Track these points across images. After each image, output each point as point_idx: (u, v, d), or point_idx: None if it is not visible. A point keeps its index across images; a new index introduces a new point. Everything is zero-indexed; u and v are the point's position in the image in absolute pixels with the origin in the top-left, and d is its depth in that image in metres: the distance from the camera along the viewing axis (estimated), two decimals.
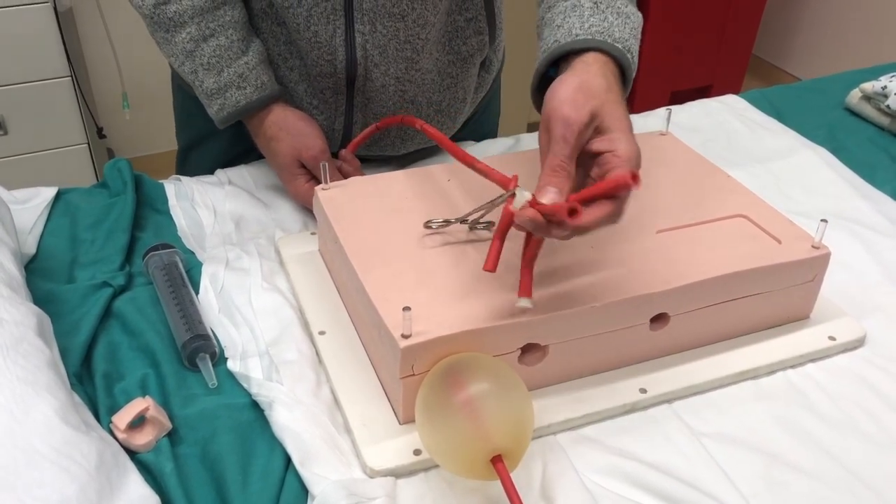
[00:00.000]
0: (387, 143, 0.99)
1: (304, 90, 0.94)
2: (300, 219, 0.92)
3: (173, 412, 0.68)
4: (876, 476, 0.65)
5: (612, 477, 0.64)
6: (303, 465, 0.62)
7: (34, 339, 0.64)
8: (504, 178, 0.66)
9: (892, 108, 1.12)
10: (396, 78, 0.91)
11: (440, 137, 0.78)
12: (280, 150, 0.89)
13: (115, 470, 0.58)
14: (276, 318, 0.76)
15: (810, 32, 2.98)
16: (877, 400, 0.71)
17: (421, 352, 0.62)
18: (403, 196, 0.80)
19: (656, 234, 0.75)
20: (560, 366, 0.69)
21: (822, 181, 1.03)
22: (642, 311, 0.69)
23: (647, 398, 0.69)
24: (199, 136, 1.06)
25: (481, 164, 0.70)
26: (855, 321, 0.79)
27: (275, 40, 0.92)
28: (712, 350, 0.74)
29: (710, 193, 0.81)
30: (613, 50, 0.68)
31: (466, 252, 0.72)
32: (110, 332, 0.76)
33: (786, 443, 0.67)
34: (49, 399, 0.58)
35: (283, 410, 0.66)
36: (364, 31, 0.86)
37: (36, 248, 0.86)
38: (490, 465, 0.56)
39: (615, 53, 0.68)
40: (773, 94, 1.26)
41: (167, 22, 0.86)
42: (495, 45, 1.01)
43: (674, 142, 0.91)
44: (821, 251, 0.74)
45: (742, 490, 0.63)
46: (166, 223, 0.92)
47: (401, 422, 0.66)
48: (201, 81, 0.88)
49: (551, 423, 0.67)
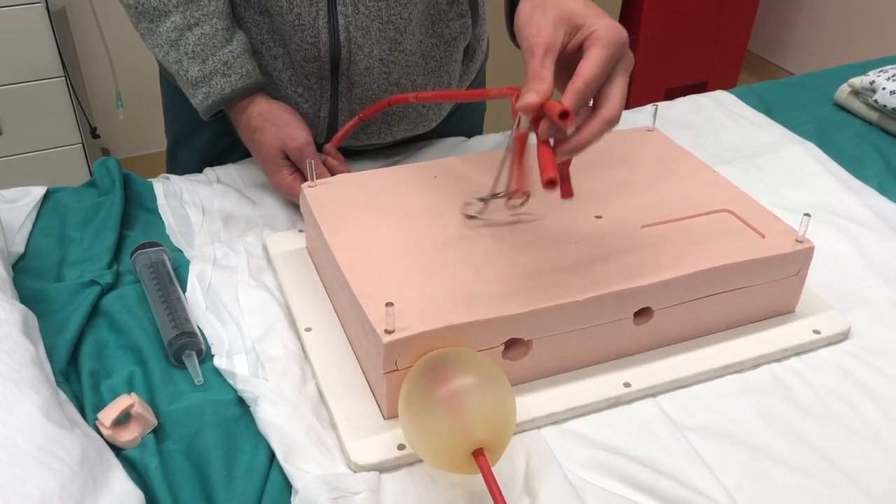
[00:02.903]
0: (373, 131, 0.99)
1: (289, 78, 0.95)
2: (288, 216, 0.93)
3: (159, 409, 0.68)
4: (858, 468, 0.65)
5: (595, 471, 0.64)
6: (286, 460, 0.62)
7: (18, 336, 0.64)
8: (502, 91, 0.67)
9: (879, 102, 1.12)
10: (380, 60, 0.92)
11: (437, 95, 0.79)
12: (265, 141, 0.90)
13: (100, 466, 0.58)
14: (262, 315, 0.77)
15: (805, 28, 2.98)
16: (860, 393, 0.72)
17: (404, 347, 0.62)
18: (390, 193, 0.80)
19: (641, 229, 0.75)
20: (544, 360, 0.69)
21: (809, 175, 1.03)
22: (626, 305, 0.69)
23: (632, 392, 0.70)
24: (185, 131, 1.07)
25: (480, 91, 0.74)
26: (840, 315, 0.79)
27: (258, 29, 0.92)
28: (697, 344, 0.74)
29: (695, 188, 0.82)
30: None
31: (451, 248, 0.72)
32: (97, 329, 0.76)
33: (769, 436, 0.67)
34: (32, 396, 0.59)
35: (268, 406, 0.66)
36: (346, 12, 0.87)
37: (24, 246, 0.86)
38: (472, 459, 0.57)
39: None
40: (763, 89, 1.26)
41: (151, 11, 0.86)
42: (478, 31, 1.01)
43: (660, 137, 0.91)
44: (804, 245, 0.74)
45: (725, 483, 0.63)
46: (155, 221, 0.92)
47: (385, 417, 0.66)
48: (186, 70, 0.88)
49: (535, 417, 0.67)
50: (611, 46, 0.61)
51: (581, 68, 0.60)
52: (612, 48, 0.61)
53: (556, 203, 0.67)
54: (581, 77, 0.59)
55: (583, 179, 0.80)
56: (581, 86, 0.59)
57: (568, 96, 0.59)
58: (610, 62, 0.61)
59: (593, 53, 0.60)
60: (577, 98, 0.59)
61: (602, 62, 0.60)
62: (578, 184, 0.79)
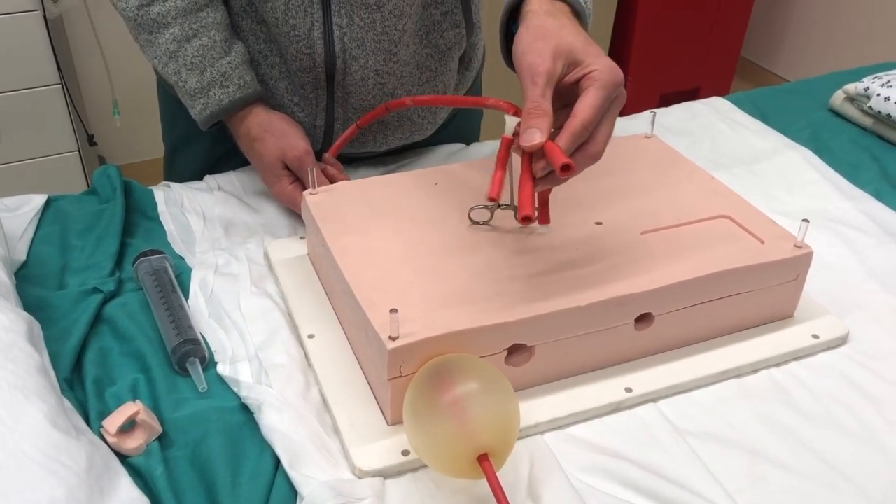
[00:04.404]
0: (368, 139, 1.00)
1: (285, 87, 0.95)
2: (289, 223, 0.93)
3: (163, 416, 0.68)
4: (857, 471, 0.65)
5: (598, 475, 0.64)
6: (292, 467, 0.62)
7: (24, 344, 0.64)
8: (499, 103, 0.69)
9: (874, 109, 1.13)
10: (375, 71, 0.92)
11: (434, 99, 0.80)
12: (264, 151, 0.90)
13: (106, 474, 0.58)
14: (265, 322, 0.77)
15: (798, 35, 3.00)
16: (859, 397, 0.72)
17: (408, 353, 0.63)
18: (391, 200, 0.81)
19: (641, 235, 0.76)
20: (546, 366, 0.70)
21: (805, 181, 1.04)
22: (627, 311, 0.70)
23: (633, 397, 0.70)
24: (183, 139, 1.07)
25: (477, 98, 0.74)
26: (838, 319, 0.80)
27: (255, 38, 0.93)
28: (697, 349, 0.75)
29: (694, 195, 0.82)
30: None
31: (453, 255, 0.73)
32: (101, 337, 0.76)
33: (769, 440, 0.68)
34: (39, 404, 0.59)
35: (272, 413, 0.66)
36: (342, 23, 0.88)
37: (26, 254, 0.86)
38: (476, 465, 0.57)
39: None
40: (758, 95, 1.27)
41: (150, 23, 0.86)
42: (473, 40, 1.02)
43: (658, 144, 0.92)
44: (803, 250, 0.75)
45: (726, 487, 0.64)
46: (156, 229, 0.92)
47: (389, 423, 0.67)
48: (185, 82, 0.88)
49: (538, 422, 0.67)
50: (607, 88, 0.62)
51: (578, 109, 0.61)
52: (608, 90, 0.62)
53: (557, 210, 0.67)
54: (578, 119, 0.61)
55: (582, 186, 0.80)
56: (578, 128, 0.61)
57: (565, 137, 0.61)
58: (606, 103, 0.62)
59: (591, 95, 0.62)
60: (574, 140, 0.61)
61: (599, 104, 0.62)
62: (578, 191, 0.80)
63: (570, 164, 0.59)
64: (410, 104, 0.82)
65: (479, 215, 0.77)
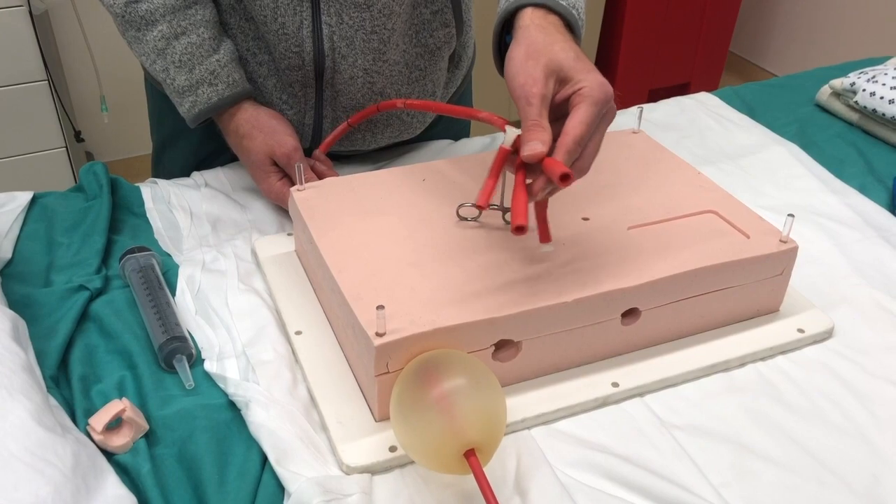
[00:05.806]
0: (357, 138, 0.99)
1: (274, 85, 0.95)
2: (276, 220, 0.93)
3: (150, 413, 0.68)
4: (842, 464, 0.66)
5: (585, 470, 0.65)
6: (279, 463, 0.62)
7: (8, 342, 0.64)
8: (491, 117, 0.70)
9: (860, 104, 1.14)
10: (365, 70, 0.92)
11: (425, 105, 0.81)
12: (253, 148, 0.90)
13: (92, 471, 0.58)
14: (252, 319, 0.77)
15: (786, 29, 3.01)
16: (844, 390, 0.73)
17: (395, 349, 0.63)
18: (379, 196, 0.80)
19: (627, 231, 0.76)
20: (533, 361, 0.70)
21: (792, 176, 1.04)
22: (613, 306, 0.70)
23: (620, 392, 0.70)
24: (171, 135, 1.07)
25: (469, 110, 0.75)
26: (823, 313, 0.80)
27: (243, 36, 0.92)
28: (683, 344, 0.75)
29: (681, 190, 0.83)
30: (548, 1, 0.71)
31: (440, 251, 0.73)
32: (87, 334, 0.76)
33: (755, 433, 0.68)
34: (24, 402, 0.59)
35: (260, 410, 0.66)
36: (331, 21, 0.87)
37: (12, 252, 0.86)
38: (463, 460, 0.57)
39: (549, 4, 0.71)
40: (746, 91, 1.28)
41: (138, 20, 0.86)
42: (463, 39, 1.02)
43: (645, 139, 0.92)
44: (788, 245, 0.76)
45: (712, 480, 0.64)
46: (143, 226, 0.92)
47: (376, 419, 0.67)
48: (173, 79, 0.88)
49: (525, 417, 0.68)
50: (597, 104, 0.63)
51: (569, 126, 0.62)
52: (598, 106, 0.63)
53: None
54: (570, 136, 0.62)
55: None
56: (571, 144, 0.62)
57: (559, 154, 0.62)
58: (596, 119, 0.63)
59: (581, 111, 0.63)
60: (568, 157, 0.62)
61: (590, 120, 0.63)
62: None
63: (569, 173, 0.60)
64: (402, 107, 0.82)
65: (467, 212, 0.77)
